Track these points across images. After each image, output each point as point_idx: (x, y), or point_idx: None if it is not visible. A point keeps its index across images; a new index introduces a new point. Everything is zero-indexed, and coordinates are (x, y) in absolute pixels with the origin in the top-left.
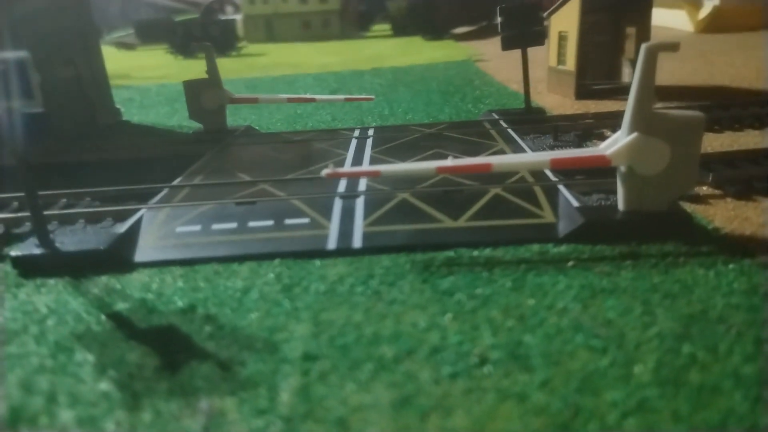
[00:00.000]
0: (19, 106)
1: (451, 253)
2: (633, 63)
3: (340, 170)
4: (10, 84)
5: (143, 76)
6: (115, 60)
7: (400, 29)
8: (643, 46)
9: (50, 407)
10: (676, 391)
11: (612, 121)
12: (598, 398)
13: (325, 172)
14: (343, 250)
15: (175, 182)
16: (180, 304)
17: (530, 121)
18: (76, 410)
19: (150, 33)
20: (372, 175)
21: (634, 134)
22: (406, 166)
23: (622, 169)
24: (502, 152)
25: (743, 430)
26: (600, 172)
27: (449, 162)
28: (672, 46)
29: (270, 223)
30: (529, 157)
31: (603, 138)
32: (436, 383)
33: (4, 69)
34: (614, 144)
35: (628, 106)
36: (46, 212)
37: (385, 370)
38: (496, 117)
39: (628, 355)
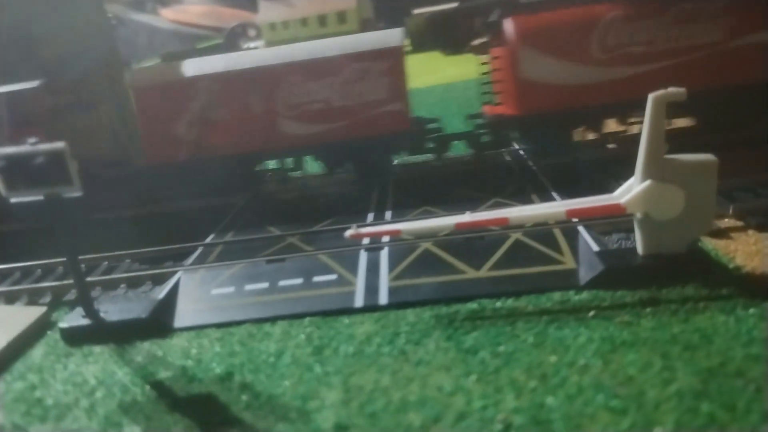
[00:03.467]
0: (59, 192)
1: (474, 305)
2: None
3: (363, 230)
4: (50, 172)
5: None
6: None
7: (419, 44)
8: (650, 96)
9: None
10: None
11: None
12: None
13: (348, 233)
14: (370, 307)
15: (208, 240)
16: (218, 371)
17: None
18: None
19: None
20: (393, 234)
21: (648, 182)
22: (426, 224)
23: (638, 215)
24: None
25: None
26: None
27: (467, 217)
28: (678, 95)
29: (299, 281)
30: (545, 209)
31: None
32: None
33: (44, 161)
34: (628, 191)
35: (640, 153)
36: (89, 278)
37: None
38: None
39: (647, 416)
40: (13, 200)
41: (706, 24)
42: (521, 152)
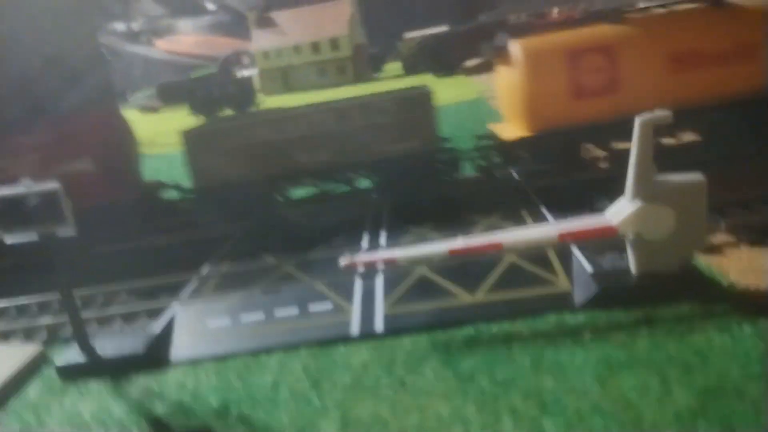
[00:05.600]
0: (54, 233)
1: (470, 330)
2: None
3: (357, 259)
4: (44, 213)
5: (168, 142)
6: (139, 125)
7: (411, 68)
8: (637, 120)
9: None
10: None
11: None
12: None
13: (342, 262)
14: (366, 335)
15: (203, 270)
16: (214, 404)
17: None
18: None
19: (171, 95)
20: (388, 263)
21: (638, 203)
22: (420, 251)
23: (630, 236)
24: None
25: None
26: None
27: (460, 243)
28: (664, 119)
29: (295, 311)
30: (537, 233)
31: None
32: None
33: (38, 201)
34: (618, 212)
35: (629, 174)
36: (84, 313)
37: None
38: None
39: None
40: (8, 241)
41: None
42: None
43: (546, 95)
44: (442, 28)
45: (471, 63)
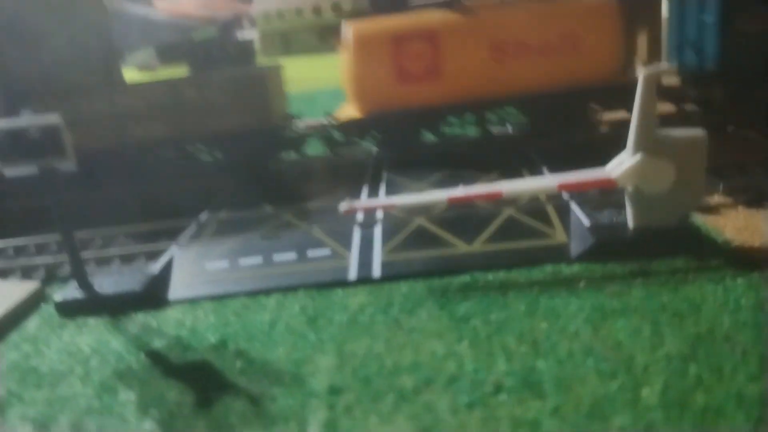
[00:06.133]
0: (55, 165)
1: (467, 278)
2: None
3: (357, 204)
4: (45, 145)
5: None
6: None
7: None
8: (641, 73)
9: None
10: (681, 414)
11: None
12: (606, 424)
13: (342, 208)
14: (363, 280)
15: (202, 216)
16: (212, 340)
17: None
18: None
19: (171, 54)
20: (387, 208)
21: (639, 155)
22: (419, 197)
23: (629, 189)
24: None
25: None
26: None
27: (460, 191)
28: (669, 70)
29: (293, 256)
30: (537, 183)
31: None
32: (453, 413)
33: (39, 135)
34: (619, 165)
35: (631, 128)
36: (82, 254)
37: (405, 401)
38: None
39: (636, 378)
40: (8, 174)
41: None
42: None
43: (372, 78)
44: None
45: None
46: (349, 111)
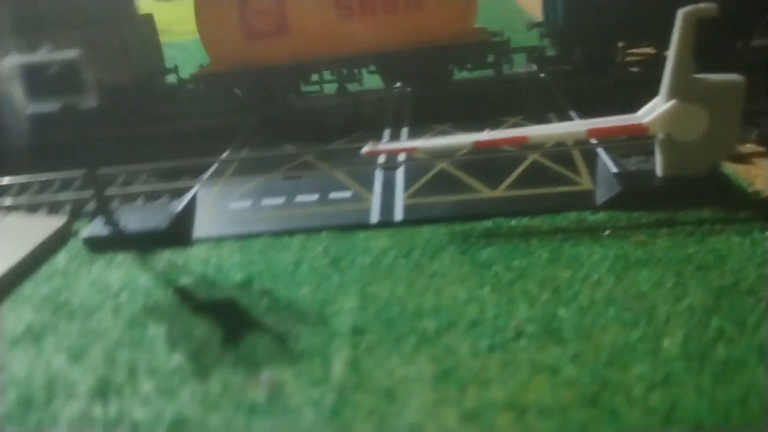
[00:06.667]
0: (76, 102)
1: (489, 224)
2: None
3: (380, 147)
4: (65, 81)
5: (182, 30)
6: (154, 13)
7: None
8: (680, 12)
9: (132, 379)
10: (701, 366)
11: None
12: (625, 372)
13: (364, 150)
14: (385, 223)
15: (224, 156)
16: (238, 278)
17: None
18: (155, 381)
19: None
20: (410, 152)
21: (673, 101)
22: (443, 141)
23: (660, 136)
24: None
25: (745, 428)
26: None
27: (486, 135)
28: (709, 10)
29: (315, 197)
30: (565, 128)
31: None
32: (474, 356)
33: (58, 69)
34: (652, 111)
35: (666, 72)
36: (106, 191)
37: (427, 343)
38: None
39: (657, 329)
40: (30, 110)
41: None
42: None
43: (219, 34)
44: None
45: None
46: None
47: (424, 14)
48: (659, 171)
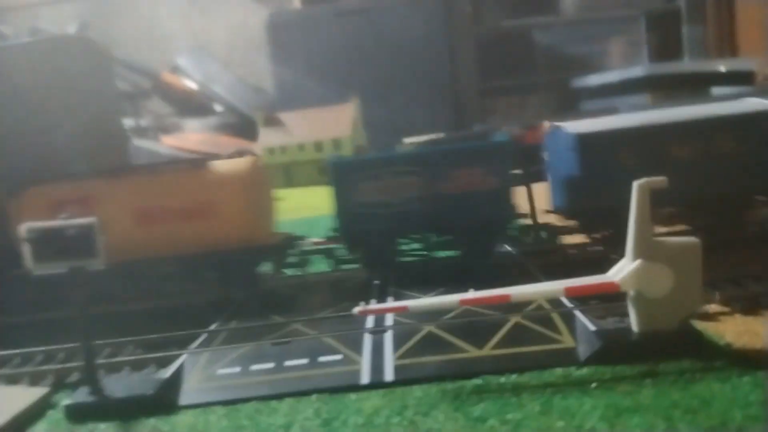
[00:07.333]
0: (84, 264)
1: (479, 381)
2: None
3: (371, 307)
4: (78, 246)
5: None
6: None
7: None
8: (635, 184)
9: None
10: None
11: None
12: None
13: (356, 309)
14: (377, 384)
15: (212, 327)
16: None
17: None
18: None
19: None
20: (400, 311)
21: (639, 261)
22: (431, 300)
23: (632, 293)
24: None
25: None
26: (612, 296)
27: (470, 294)
28: (660, 183)
29: (305, 361)
30: (544, 287)
31: None
32: None
33: (74, 233)
34: (621, 271)
35: (630, 235)
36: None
37: None
38: None
39: None
40: (37, 272)
41: None
42: None
43: None
44: (440, 135)
45: None
46: None
47: (217, 220)
48: (635, 326)
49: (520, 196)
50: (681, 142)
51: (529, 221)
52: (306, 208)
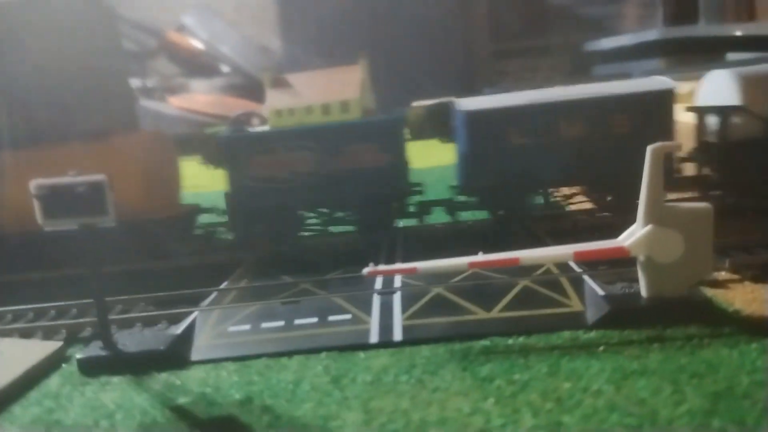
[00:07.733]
0: (94, 221)
1: (487, 342)
2: None
3: (380, 268)
4: (88, 202)
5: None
6: None
7: (418, 133)
8: (649, 148)
9: None
10: None
11: None
12: None
13: (366, 270)
14: (385, 343)
15: (223, 285)
16: (237, 396)
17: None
18: None
19: (185, 145)
20: (409, 272)
21: (649, 226)
22: (440, 263)
23: (641, 258)
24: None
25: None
26: (621, 262)
27: (479, 257)
28: (675, 147)
29: (314, 320)
30: (553, 251)
31: None
32: None
33: (84, 190)
34: (631, 236)
35: (641, 200)
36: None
37: None
38: None
39: (662, 430)
40: (47, 228)
41: None
42: None
43: None
44: (448, 98)
45: None
46: None
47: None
48: (644, 292)
49: None
50: (569, 120)
51: None
52: None
